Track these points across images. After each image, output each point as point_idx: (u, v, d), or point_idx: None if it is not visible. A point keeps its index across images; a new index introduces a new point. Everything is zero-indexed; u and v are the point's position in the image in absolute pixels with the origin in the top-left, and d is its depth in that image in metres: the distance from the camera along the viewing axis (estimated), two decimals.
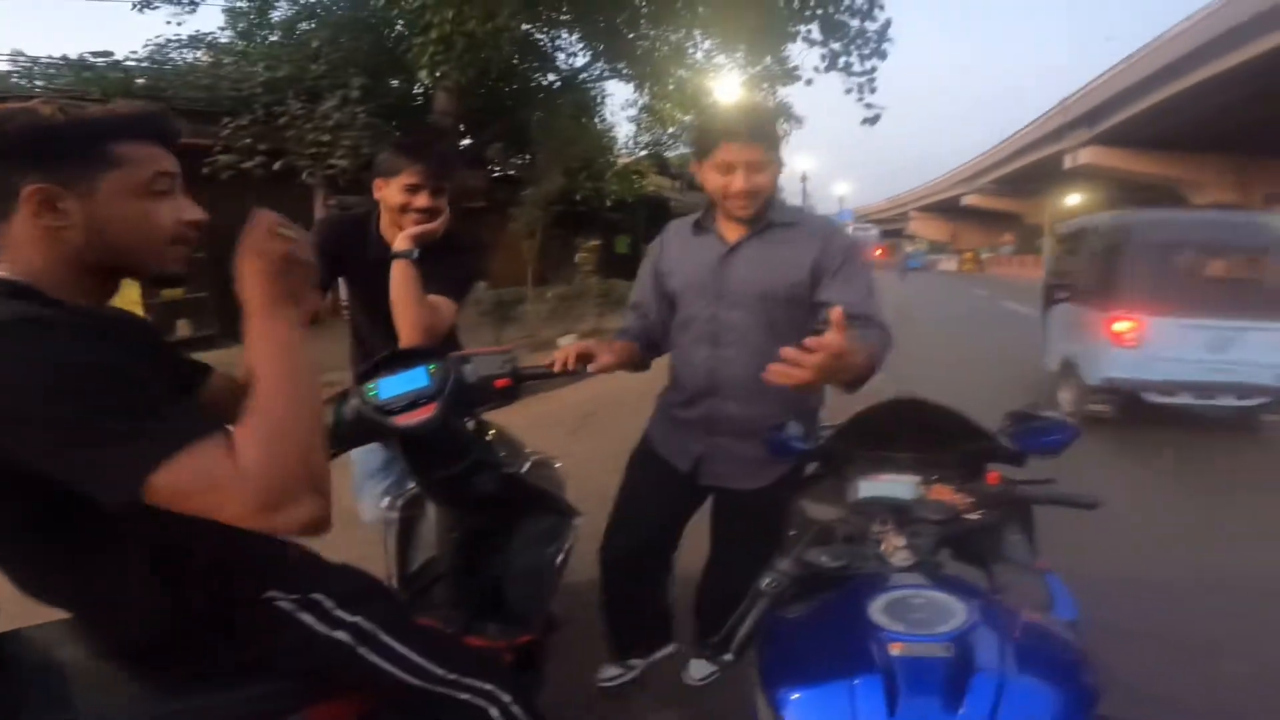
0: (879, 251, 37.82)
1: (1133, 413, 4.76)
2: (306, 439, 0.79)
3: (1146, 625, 2.20)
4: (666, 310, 1.75)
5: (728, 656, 0.93)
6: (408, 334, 1.52)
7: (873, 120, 10.52)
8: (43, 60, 9.05)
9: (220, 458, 0.75)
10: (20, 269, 0.83)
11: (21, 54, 9.06)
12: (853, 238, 1.72)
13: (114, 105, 0.91)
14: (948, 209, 49.46)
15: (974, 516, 1.11)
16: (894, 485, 1.21)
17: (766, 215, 1.59)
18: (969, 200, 42.71)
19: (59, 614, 0.95)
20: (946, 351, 8.41)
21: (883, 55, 10.14)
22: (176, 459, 0.72)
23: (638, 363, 1.69)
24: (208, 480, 0.73)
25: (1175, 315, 4.55)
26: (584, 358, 1.43)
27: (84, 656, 0.93)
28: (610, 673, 2.01)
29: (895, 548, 1.02)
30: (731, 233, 1.62)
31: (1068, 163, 26.44)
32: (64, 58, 9.10)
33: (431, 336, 1.54)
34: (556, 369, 1.40)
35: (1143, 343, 4.57)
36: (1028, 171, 33.19)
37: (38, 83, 8.66)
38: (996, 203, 41.17)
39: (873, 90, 10.30)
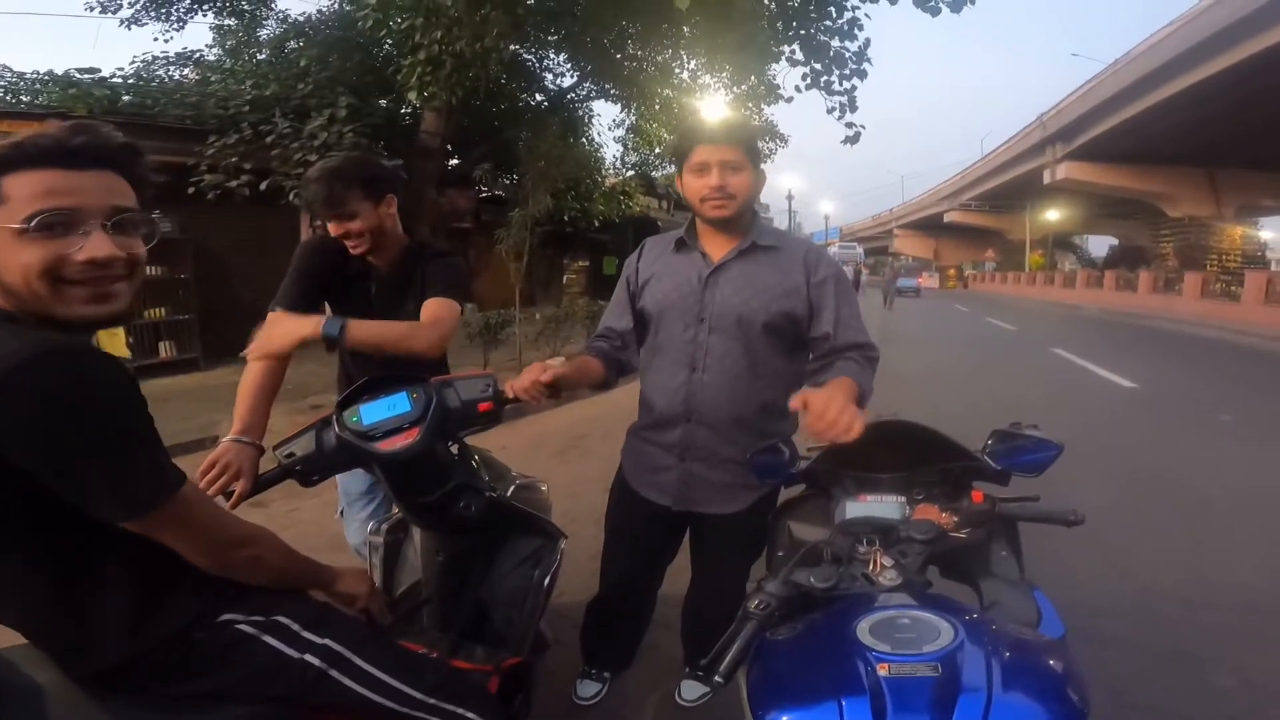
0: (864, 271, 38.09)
1: None
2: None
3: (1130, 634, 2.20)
4: (640, 330, 1.66)
5: (717, 679, 0.92)
6: (424, 355, 1.48)
7: (854, 139, 10.65)
8: (29, 76, 8.98)
9: (201, 504, 0.89)
10: None
11: (7, 69, 9.00)
12: (836, 262, 1.68)
13: (25, 134, 0.81)
14: (930, 226, 50.01)
15: (960, 535, 1.12)
16: (880, 505, 1.21)
17: (751, 234, 1.56)
18: (951, 217, 43.14)
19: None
20: (928, 371, 8.48)
21: (862, 75, 10.29)
22: (180, 494, 0.84)
23: (598, 381, 1.57)
24: (186, 522, 0.86)
25: None
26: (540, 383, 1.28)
27: (60, 679, 0.91)
28: (589, 690, 1.99)
29: (882, 567, 1.03)
30: (716, 250, 1.56)
31: (1046, 178, 26.88)
32: (49, 73, 9.03)
33: (443, 344, 1.54)
34: (524, 398, 1.27)
35: None
36: (1008, 187, 33.66)
37: (22, 98, 8.57)
38: (978, 219, 41.61)
39: (853, 109, 10.44)
